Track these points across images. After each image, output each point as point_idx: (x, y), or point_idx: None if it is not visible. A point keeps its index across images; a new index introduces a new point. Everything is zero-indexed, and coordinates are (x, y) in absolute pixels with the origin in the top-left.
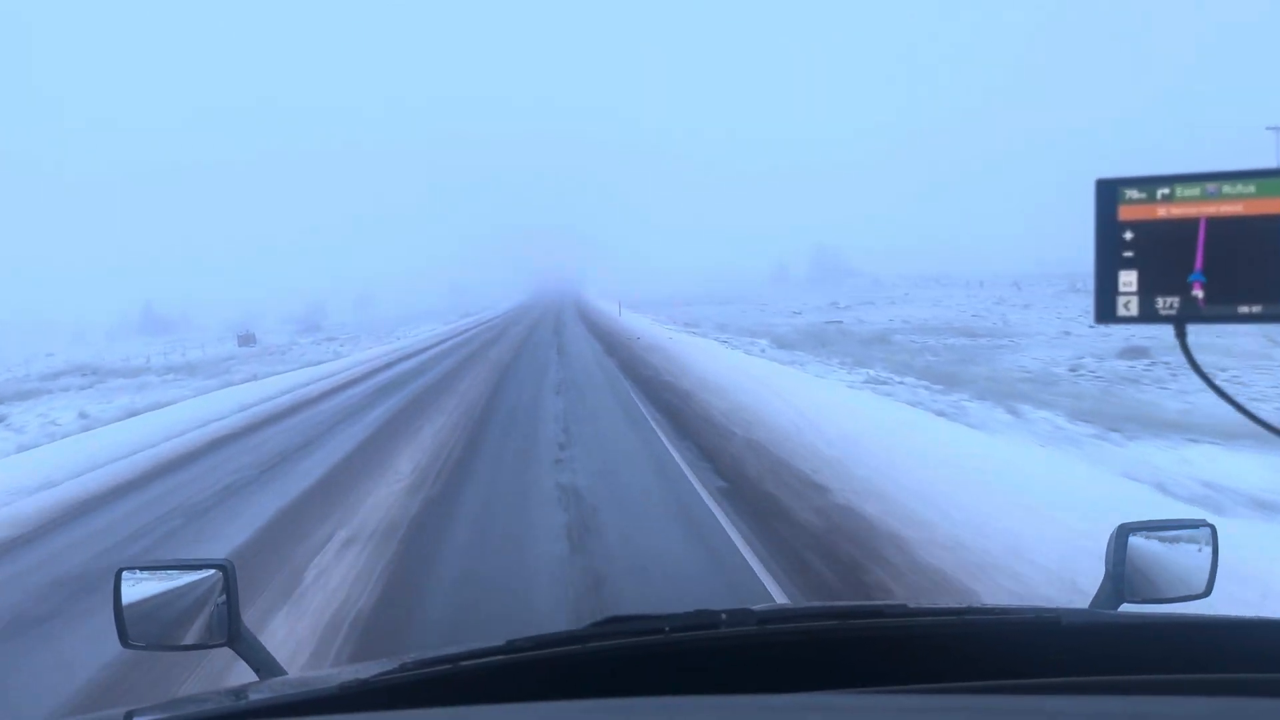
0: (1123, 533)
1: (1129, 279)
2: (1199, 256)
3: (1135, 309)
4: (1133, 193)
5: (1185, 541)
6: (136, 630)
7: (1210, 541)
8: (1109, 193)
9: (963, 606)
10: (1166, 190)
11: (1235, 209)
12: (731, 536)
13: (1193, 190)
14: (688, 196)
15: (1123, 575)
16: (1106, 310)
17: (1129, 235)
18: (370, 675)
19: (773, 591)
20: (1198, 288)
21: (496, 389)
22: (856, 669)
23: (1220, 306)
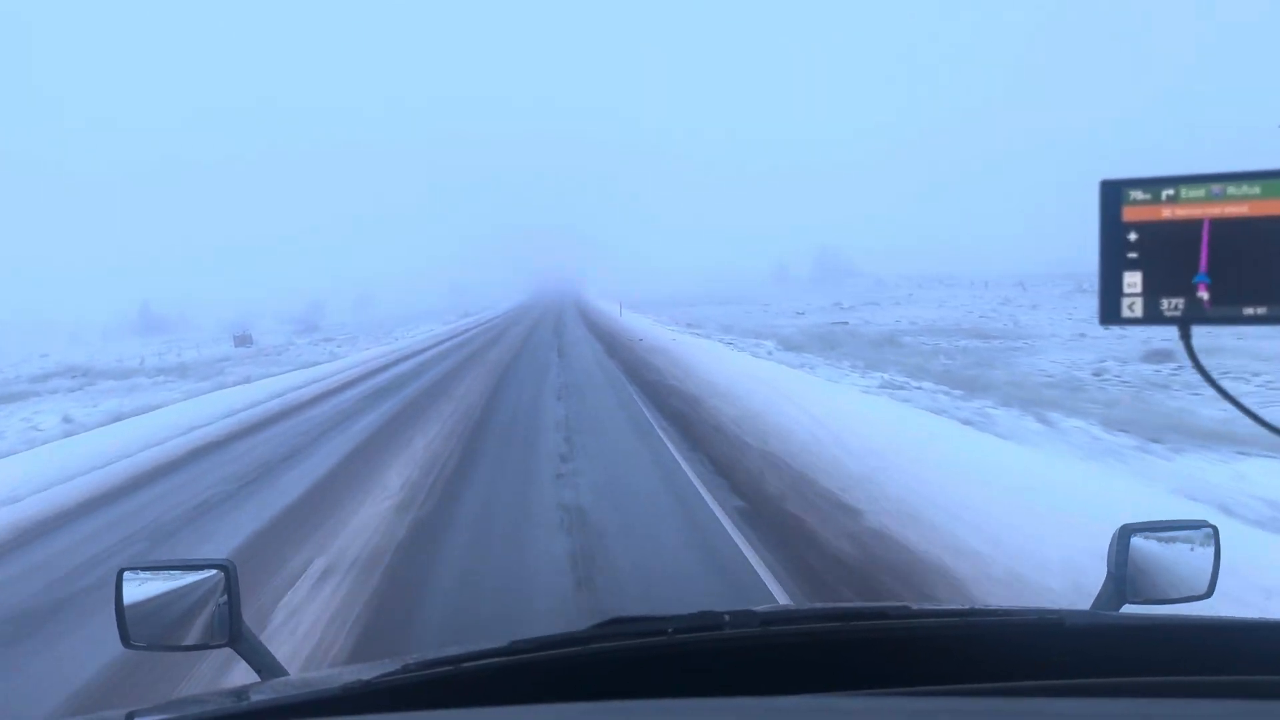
0: (1125, 533)
1: (1133, 280)
2: (1204, 258)
3: (1140, 310)
4: (1137, 194)
5: (1187, 542)
6: (138, 630)
7: (1212, 542)
8: (1113, 193)
9: (966, 608)
10: (1171, 191)
11: (1240, 210)
12: (756, 568)
13: (1197, 191)
14: (688, 196)
15: (1125, 576)
16: (1111, 312)
17: (1133, 236)
18: (372, 676)
19: None
20: (1203, 289)
21: (495, 393)
22: (860, 671)
23: (1225, 308)
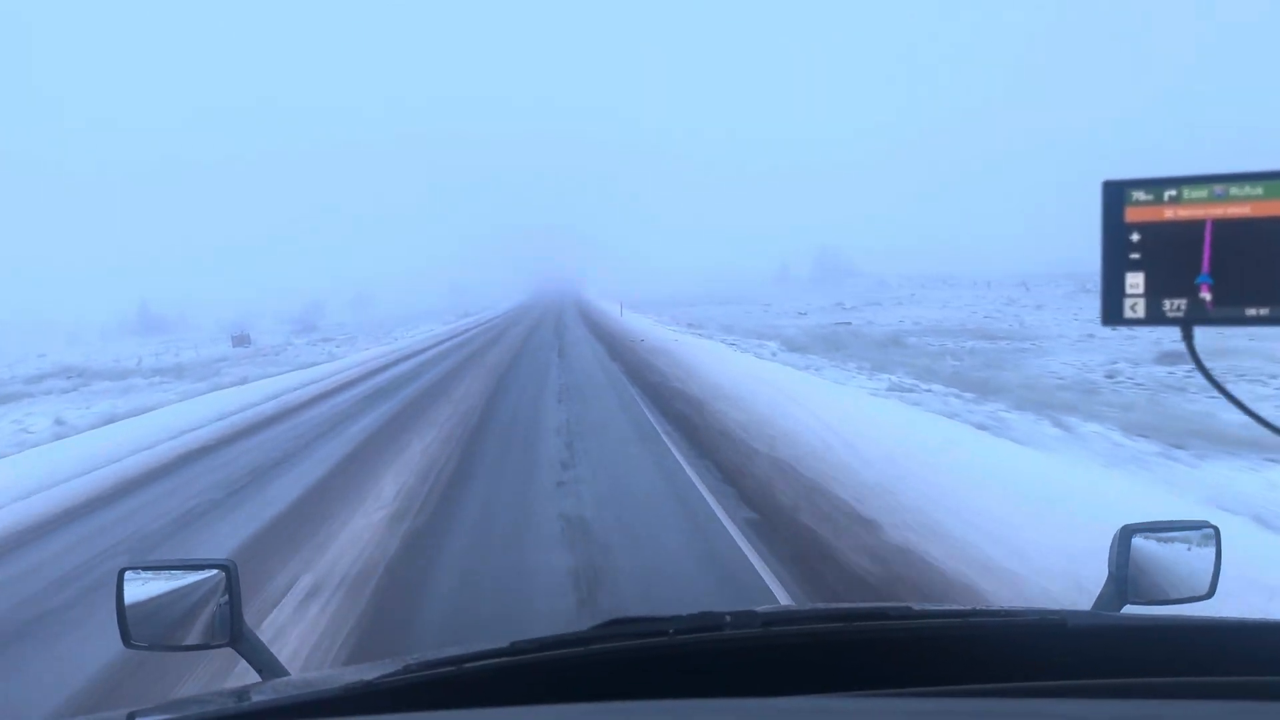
0: (1126, 534)
1: (1136, 281)
2: (1206, 258)
3: (1142, 311)
4: (1139, 194)
5: (1188, 543)
6: (139, 630)
7: (1213, 542)
8: (1116, 194)
9: (967, 609)
10: (1173, 192)
11: (1243, 211)
12: (771, 588)
13: (1200, 192)
14: (688, 196)
15: (1126, 577)
16: (1113, 312)
17: (1136, 237)
18: (374, 677)
19: None
20: (1205, 290)
21: (494, 396)
22: (861, 671)
23: (1228, 309)
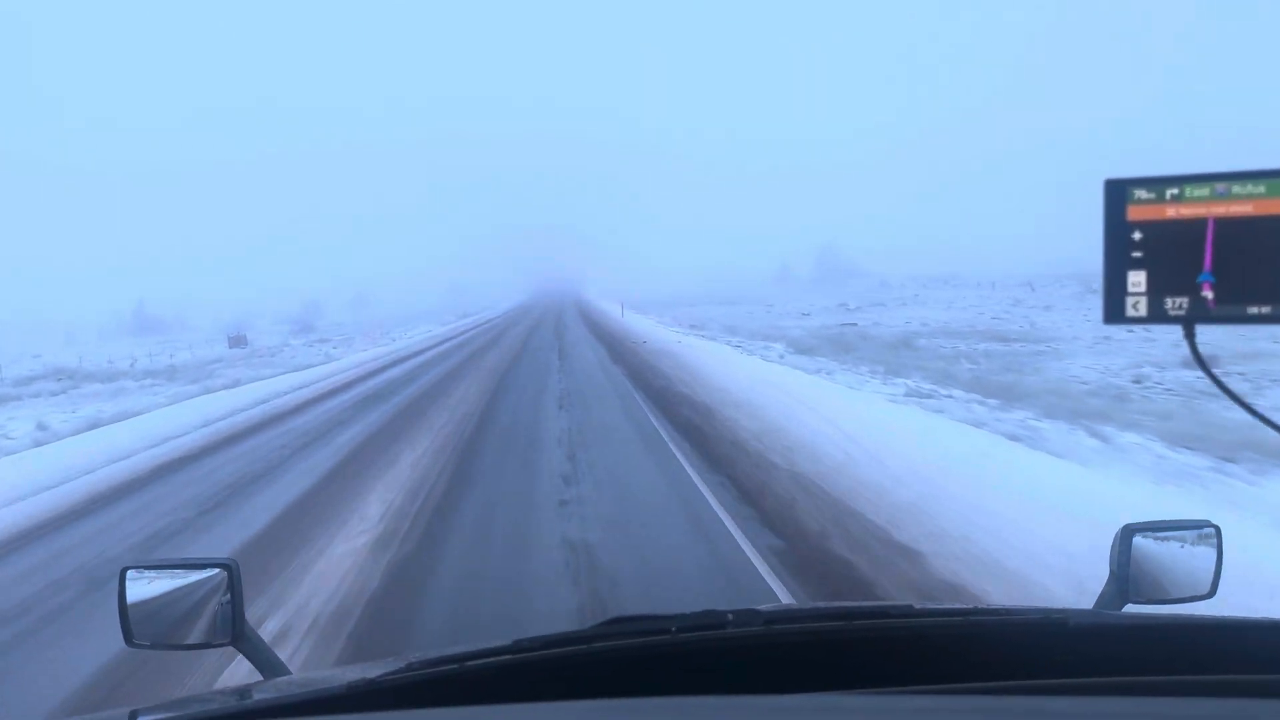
0: (1127, 533)
1: (1138, 279)
2: (1208, 257)
3: (1144, 309)
4: (1141, 193)
5: (1190, 542)
6: (141, 629)
7: (1215, 542)
8: (1118, 193)
9: (969, 607)
10: (1175, 190)
11: (1245, 209)
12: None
13: (1202, 190)
14: (688, 196)
15: (1127, 576)
16: (1115, 311)
17: (1138, 235)
18: (376, 675)
19: None
20: (1207, 288)
21: (492, 402)
22: (863, 670)
23: (1230, 307)
